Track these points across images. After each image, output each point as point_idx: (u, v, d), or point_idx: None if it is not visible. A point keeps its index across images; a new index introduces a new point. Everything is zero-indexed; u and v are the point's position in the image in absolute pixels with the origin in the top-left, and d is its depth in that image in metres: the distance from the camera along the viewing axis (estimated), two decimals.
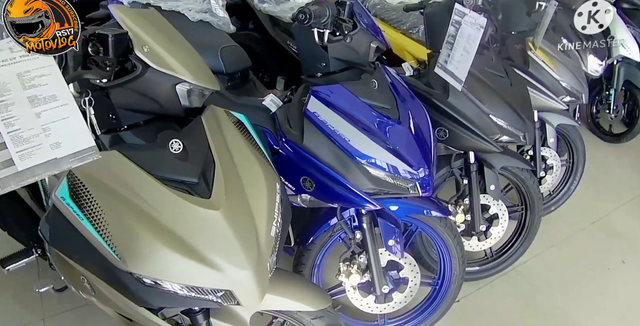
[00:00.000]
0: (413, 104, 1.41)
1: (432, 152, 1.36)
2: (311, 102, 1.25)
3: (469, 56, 1.43)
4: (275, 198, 1.06)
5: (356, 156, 1.22)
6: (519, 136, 1.69)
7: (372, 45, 1.32)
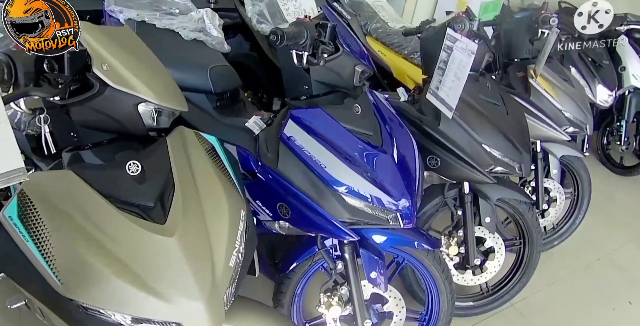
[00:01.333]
0: (399, 131, 1.35)
1: (416, 182, 1.29)
2: (288, 126, 1.21)
3: (459, 83, 1.38)
4: (239, 226, 1.00)
5: (332, 183, 1.16)
6: (514, 167, 1.61)
7: (356, 68, 1.27)
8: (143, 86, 0.93)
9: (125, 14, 1.79)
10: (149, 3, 1.90)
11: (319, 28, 1.16)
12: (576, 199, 2.45)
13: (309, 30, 1.11)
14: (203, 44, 1.81)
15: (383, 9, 2.52)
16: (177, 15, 1.86)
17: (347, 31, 1.25)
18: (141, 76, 0.93)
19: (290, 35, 1.04)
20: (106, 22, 1.89)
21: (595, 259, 2.52)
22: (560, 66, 2.16)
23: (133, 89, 0.91)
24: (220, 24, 1.95)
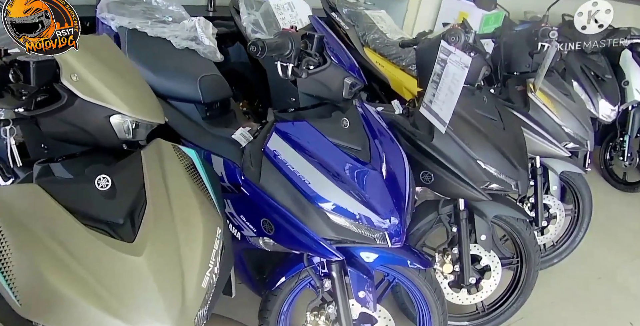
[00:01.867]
0: (389, 146, 1.30)
1: (406, 199, 1.24)
2: (272, 140, 1.17)
3: (453, 97, 1.33)
4: (214, 245, 0.95)
5: (316, 200, 1.12)
6: (510, 185, 1.56)
7: (345, 81, 1.23)
8: (115, 97, 0.89)
9: (117, 22, 1.76)
10: (142, 10, 1.87)
11: (306, 39, 1.12)
12: (577, 217, 2.39)
13: (294, 42, 1.07)
14: (195, 53, 1.78)
15: (382, 19, 2.49)
16: (169, 24, 1.84)
17: (336, 42, 1.22)
18: (114, 87, 0.89)
19: (272, 47, 1.00)
20: (98, 29, 1.87)
21: (595, 278, 2.45)
22: (560, 80, 2.11)
23: (104, 100, 0.87)
24: (214, 33, 1.92)
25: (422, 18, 3.13)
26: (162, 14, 1.90)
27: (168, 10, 1.95)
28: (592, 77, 2.71)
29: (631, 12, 4.32)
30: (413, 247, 1.55)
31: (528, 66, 2.05)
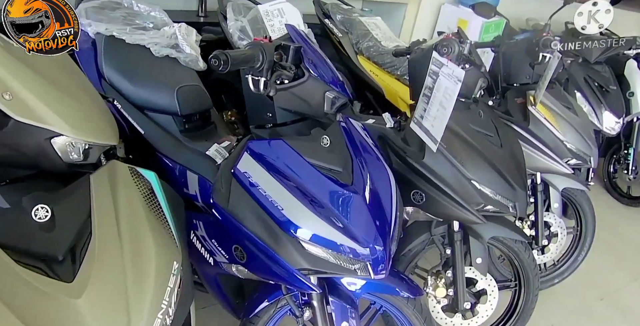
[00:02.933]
0: (375, 165, 1.20)
1: (392, 224, 1.14)
2: (243, 160, 1.06)
3: (445, 113, 1.23)
4: (168, 282, 0.85)
5: (289, 228, 1.01)
6: (507, 207, 1.45)
7: (327, 95, 1.13)
8: (56, 117, 0.79)
9: (94, 28, 1.67)
10: (121, 16, 1.78)
11: (280, 50, 1.02)
12: (579, 235, 2.27)
13: (266, 53, 0.97)
14: (176, 62, 1.69)
15: (377, 26, 2.39)
16: (149, 30, 1.74)
17: (317, 54, 1.12)
18: (56, 106, 0.79)
19: (238, 60, 0.90)
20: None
21: (598, 300, 2.33)
22: (563, 93, 2.00)
23: (42, 121, 0.77)
24: (198, 40, 1.82)
25: (421, 25, 3.03)
26: (143, 20, 1.81)
27: (150, 16, 1.86)
28: (596, 88, 2.60)
29: (636, 20, 4.22)
30: (402, 273, 1.44)
31: (528, 77, 1.94)
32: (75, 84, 0.89)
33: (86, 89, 0.91)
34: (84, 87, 0.91)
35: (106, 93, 1.67)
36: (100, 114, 0.90)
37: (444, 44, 1.24)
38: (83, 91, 0.89)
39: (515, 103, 1.91)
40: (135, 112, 1.60)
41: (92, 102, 0.90)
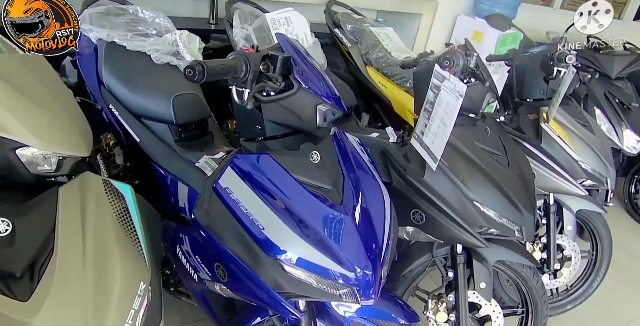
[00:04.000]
0: (368, 184, 1.13)
1: (383, 248, 1.06)
2: (226, 175, 1.01)
3: (445, 129, 1.16)
4: (133, 303, 0.80)
5: (269, 249, 0.95)
6: (512, 230, 1.36)
7: (319, 108, 1.07)
8: (22, 127, 0.75)
9: (95, 34, 1.66)
10: (125, 23, 1.76)
11: (268, 60, 0.97)
12: (594, 260, 2.15)
13: (250, 64, 0.92)
14: (175, 69, 1.66)
15: (388, 37, 2.33)
16: (151, 37, 1.72)
17: (310, 65, 1.06)
18: (22, 116, 0.76)
19: (216, 70, 0.85)
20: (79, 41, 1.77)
21: None
22: (579, 110, 1.90)
23: (6, 131, 0.74)
24: (201, 48, 1.80)
25: (435, 37, 2.96)
26: (146, 27, 1.79)
27: (154, 23, 1.84)
28: (617, 104, 2.49)
29: None
30: (398, 298, 1.36)
31: (542, 92, 1.85)
32: (49, 94, 0.85)
33: (61, 98, 0.87)
34: (58, 96, 0.87)
35: (105, 99, 1.65)
36: (73, 125, 0.86)
37: (446, 57, 1.18)
38: (56, 100, 0.85)
39: (528, 119, 1.82)
40: (132, 119, 1.57)
41: (65, 112, 0.86)
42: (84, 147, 0.87)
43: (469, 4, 2.93)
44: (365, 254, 1.02)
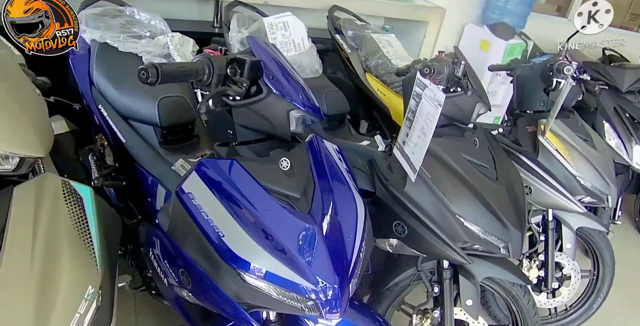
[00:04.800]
0: (342, 194, 1.09)
1: (352, 260, 1.02)
2: (190, 180, 0.98)
3: (425, 140, 1.12)
4: (78, 307, 0.78)
5: (229, 258, 0.92)
6: (497, 247, 1.30)
7: (292, 114, 1.04)
8: None
9: (89, 34, 1.66)
10: (120, 24, 1.77)
11: (235, 64, 0.95)
12: (595, 280, 2.06)
13: (214, 67, 0.90)
14: None
15: (389, 44, 2.30)
16: (143, 39, 1.72)
17: (284, 69, 1.03)
18: None
19: (174, 74, 0.83)
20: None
21: None
22: (580, 123, 1.83)
23: None
24: (194, 51, 1.79)
25: (442, 45, 2.91)
26: (141, 29, 1.79)
27: (149, 25, 1.84)
28: (627, 119, 2.39)
29: None
30: (377, 314, 1.31)
31: (543, 104, 1.79)
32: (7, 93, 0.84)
33: (19, 97, 0.86)
34: (17, 94, 0.86)
35: (95, 100, 1.65)
36: (29, 125, 0.85)
37: (427, 64, 1.13)
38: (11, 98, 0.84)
39: (527, 132, 1.76)
40: (119, 120, 1.57)
41: (22, 112, 0.84)
42: (40, 148, 0.85)
43: (477, 13, 2.88)
44: (332, 266, 0.98)
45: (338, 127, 1.83)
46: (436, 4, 2.87)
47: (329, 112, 1.75)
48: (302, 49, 1.94)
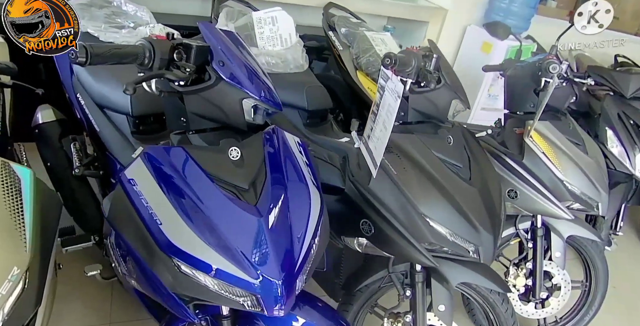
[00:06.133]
0: (296, 187, 1.05)
1: (300, 255, 0.98)
2: (133, 166, 0.96)
3: (385, 134, 1.07)
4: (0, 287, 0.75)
5: (165, 247, 0.89)
6: (466, 250, 1.24)
7: (244, 102, 1.01)
8: None
9: None
10: (105, 15, 1.77)
11: (182, 49, 0.92)
12: (587, 291, 1.97)
13: (155, 51, 0.87)
14: None
15: (383, 42, 2.25)
16: (125, 29, 1.72)
17: (236, 58, 1.00)
18: None
19: (104, 55, 0.81)
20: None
21: None
22: (573, 126, 1.75)
23: None
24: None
25: (443, 46, 2.85)
26: (126, 19, 1.79)
27: (136, 16, 1.84)
28: (631, 126, 2.29)
29: None
30: (337, 313, 1.27)
31: (532, 105, 1.72)
32: None
33: None
34: None
35: (74, 89, 1.66)
36: None
37: (389, 55, 1.09)
38: None
39: (514, 133, 1.69)
40: (95, 109, 1.57)
41: None
42: None
43: (480, 14, 2.81)
44: (275, 260, 0.94)
45: (320, 124, 1.79)
46: (439, 5, 2.82)
47: (310, 107, 1.72)
48: (288, 44, 1.92)
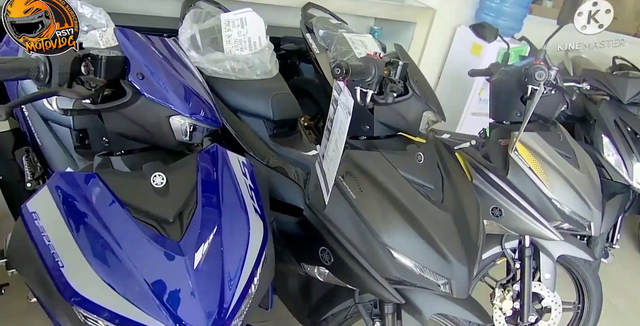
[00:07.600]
0: (234, 218, 0.91)
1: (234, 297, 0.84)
2: (38, 197, 0.82)
3: (337, 154, 0.94)
4: None
5: (66, 293, 0.75)
6: (436, 284, 1.10)
7: (173, 120, 0.88)
8: None
9: None
10: None
11: (89, 61, 0.79)
12: (580, 314, 1.83)
13: (52, 64, 0.75)
14: None
15: (363, 45, 2.10)
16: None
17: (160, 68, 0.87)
18: None
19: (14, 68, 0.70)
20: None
21: None
22: (563, 137, 1.60)
23: None
24: None
25: (432, 48, 2.71)
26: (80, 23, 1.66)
27: (90, 19, 1.71)
28: (628, 133, 2.14)
29: None
30: None
31: (519, 114, 1.58)
32: None
33: None
34: None
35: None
36: None
37: (339, 63, 0.93)
38: None
39: (498, 145, 1.55)
40: (39, 121, 1.44)
41: None
42: None
43: (470, 15, 2.66)
44: (200, 305, 0.80)
45: (289, 134, 1.66)
46: (426, 4, 2.67)
47: (276, 117, 1.58)
48: (257, 48, 1.78)
